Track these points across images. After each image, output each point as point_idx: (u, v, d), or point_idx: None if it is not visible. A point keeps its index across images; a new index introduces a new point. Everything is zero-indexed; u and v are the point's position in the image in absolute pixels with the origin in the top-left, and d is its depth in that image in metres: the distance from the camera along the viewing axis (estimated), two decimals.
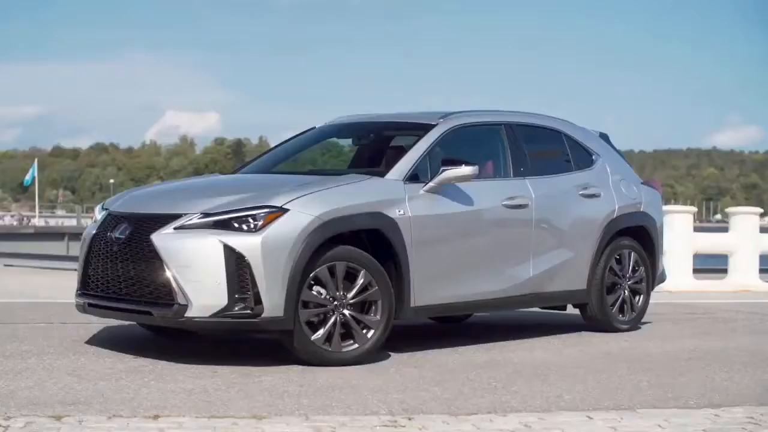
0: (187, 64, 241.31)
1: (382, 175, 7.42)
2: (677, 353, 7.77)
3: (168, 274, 6.62)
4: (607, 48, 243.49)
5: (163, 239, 6.70)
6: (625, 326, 8.87)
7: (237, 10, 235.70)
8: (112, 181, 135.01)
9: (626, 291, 8.91)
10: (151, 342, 7.75)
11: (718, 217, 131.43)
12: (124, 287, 6.89)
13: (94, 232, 7.19)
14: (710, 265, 16.72)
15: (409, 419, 5.40)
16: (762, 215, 15.55)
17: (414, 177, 7.45)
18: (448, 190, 7.51)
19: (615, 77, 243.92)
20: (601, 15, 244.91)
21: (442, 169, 7.41)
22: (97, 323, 8.55)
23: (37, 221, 67.05)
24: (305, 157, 8.91)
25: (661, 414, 5.63)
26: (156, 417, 5.32)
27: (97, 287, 7.11)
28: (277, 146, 8.95)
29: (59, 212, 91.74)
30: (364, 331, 6.96)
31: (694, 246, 14.58)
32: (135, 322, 7.77)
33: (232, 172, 8.62)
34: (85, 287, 7.25)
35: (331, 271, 6.86)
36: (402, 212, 7.20)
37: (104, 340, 7.77)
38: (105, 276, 7.03)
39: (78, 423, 5.11)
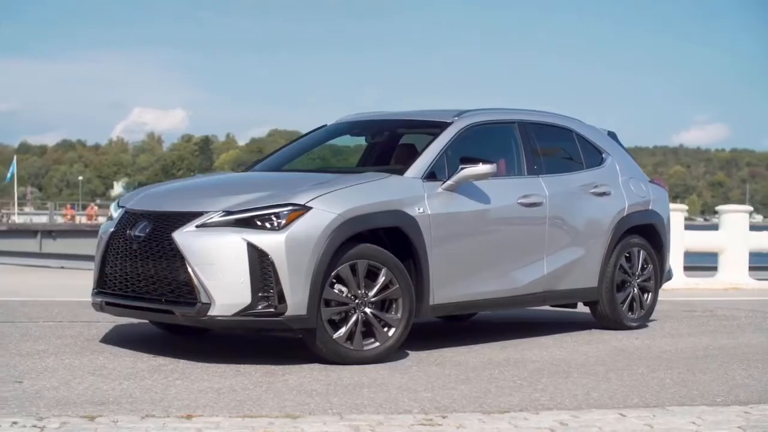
0: (154, 62, 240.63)
1: (400, 173, 7.39)
2: (692, 351, 7.80)
3: (190, 272, 6.56)
4: (573, 44, 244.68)
5: (184, 237, 6.64)
6: (634, 324, 8.90)
7: (205, 7, 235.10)
8: (81, 178, 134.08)
9: (635, 289, 8.94)
10: (165, 340, 7.70)
11: (686, 214, 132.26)
12: (144, 286, 6.83)
13: (112, 229, 7.12)
14: (699, 263, 16.80)
15: (444, 417, 5.39)
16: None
17: (431, 175, 7.44)
18: (465, 188, 7.50)
19: (581, 75, 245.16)
20: (566, 10, 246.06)
21: (460, 167, 7.40)
22: (106, 322, 8.50)
23: (17, 218, 66.32)
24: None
25: (691, 411, 5.65)
26: (189, 417, 5.28)
27: (115, 286, 7.04)
28: (287, 144, 8.91)
29: (27, 209, 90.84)
30: (385, 329, 6.94)
31: (684, 244, 14.66)
32: (148, 321, 7.73)
33: (244, 170, 8.57)
34: (101, 286, 7.17)
35: (353, 270, 6.83)
36: (422, 210, 7.18)
37: (118, 339, 7.70)
38: (123, 274, 6.96)
39: (113, 423, 5.06)
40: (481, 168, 7.40)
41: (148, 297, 6.82)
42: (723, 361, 7.35)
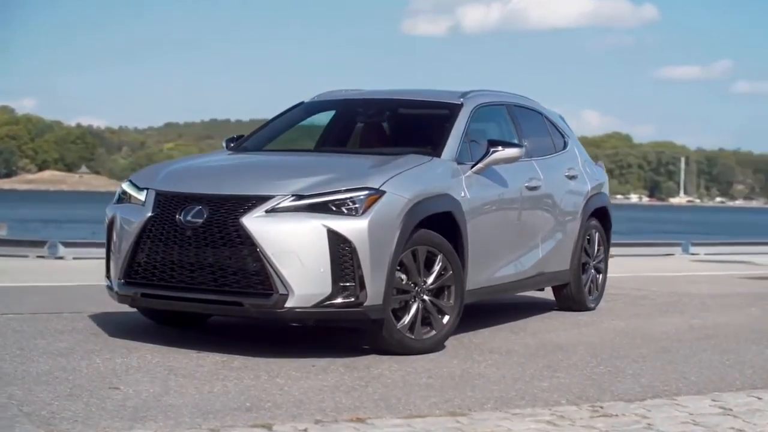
0: None
1: (437, 155, 7.09)
2: (688, 332, 7.97)
3: (264, 261, 6.01)
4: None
5: (255, 223, 6.07)
6: (593, 305, 9.07)
7: None
8: None
9: (593, 270, 9.10)
10: (177, 333, 6.98)
11: None
12: (198, 275, 6.17)
13: (149, 214, 6.37)
14: None
15: (601, 408, 5.31)
16: None
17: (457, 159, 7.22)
18: (488, 171, 7.35)
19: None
20: None
21: (491, 150, 7.22)
22: (80, 313, 7.72)
23: None
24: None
25: None
26: (360, 419, 4.91)
27: (153, 275, 6.33)
28: (270, 121, 8.20)
29: None
30: (440, 316, 6.69)
31: None
32: (136, 309, 7.06)
33: (230, 149, 7.83)
34: (131, 276, 6.43)
35: (414, 256, 6.52)
36: (463, 194, 6.97)
37: (130, 333, 6.98)
38: (168, 263, 6.26)
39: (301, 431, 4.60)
40: (511, 151, 7.27)
41: (204, 288, 6.18)
42: (736, 341, 7.58)
